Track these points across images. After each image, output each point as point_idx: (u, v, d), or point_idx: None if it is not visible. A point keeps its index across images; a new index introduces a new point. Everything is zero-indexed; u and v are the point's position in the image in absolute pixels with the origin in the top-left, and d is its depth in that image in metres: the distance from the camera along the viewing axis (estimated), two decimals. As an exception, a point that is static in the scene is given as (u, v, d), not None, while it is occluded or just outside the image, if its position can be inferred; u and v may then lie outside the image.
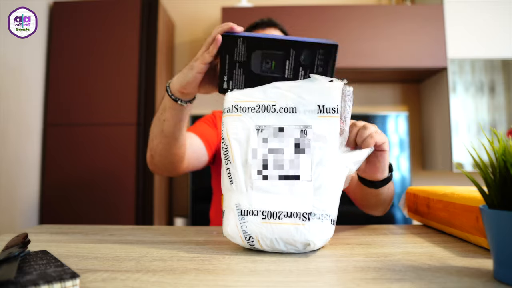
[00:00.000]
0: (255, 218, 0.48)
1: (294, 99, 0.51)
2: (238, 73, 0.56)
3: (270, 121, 0.51)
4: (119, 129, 1.73)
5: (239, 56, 0.55)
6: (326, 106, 0.50)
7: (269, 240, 0.48)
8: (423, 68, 1.82)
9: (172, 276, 0.39)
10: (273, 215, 0.48)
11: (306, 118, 0.50)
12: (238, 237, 0.49)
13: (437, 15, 1.81)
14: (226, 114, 0.53)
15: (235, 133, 0.51)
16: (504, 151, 0.36)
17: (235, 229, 0.49)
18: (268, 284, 0.37)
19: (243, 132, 0.51)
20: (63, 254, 0.48)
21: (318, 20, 1.84)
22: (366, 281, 0.37)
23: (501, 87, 1.82)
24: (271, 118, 0.51)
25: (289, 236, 0.47)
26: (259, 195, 0.49)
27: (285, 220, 0.48)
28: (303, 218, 0.48)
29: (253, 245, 0.49)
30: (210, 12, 2.18)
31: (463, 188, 0.62)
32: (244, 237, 0.48)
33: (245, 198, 0.49)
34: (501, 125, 1.81)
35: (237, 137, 0.51)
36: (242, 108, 0.52)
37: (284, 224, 0.48)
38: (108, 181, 1.71)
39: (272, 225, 0.48)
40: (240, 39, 0.54)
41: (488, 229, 0.37)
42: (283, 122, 0.50)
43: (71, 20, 1.80)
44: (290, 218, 0.48)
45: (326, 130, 0.49)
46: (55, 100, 1.77)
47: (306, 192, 0.48)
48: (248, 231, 0.48)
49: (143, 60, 1.79)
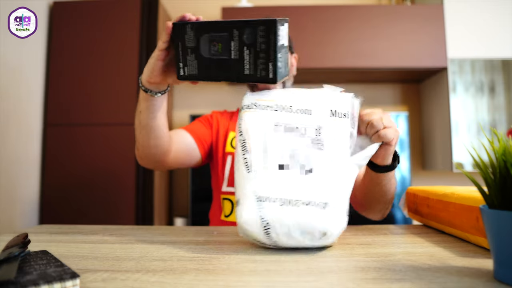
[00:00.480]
0: (273, 204, 0.50)
1: (309, 103, 0.56)
2: (191, 59, 0.59)
3: (287, 119, 0.55)
4: (119, 129, 1.73)
5: (189, 42, 0.58)
6: (338, 111, 0.56)
7: (287, 227, 0.49)
8: (423, 68, 1.82)
9: (172, 276, 0.39)
10: (290, 202, 0.50)
11: (320, 119, 0.55)
12: (254, 224, 0.50)
13: (437, 15, 1.81)
14: (245, 110, 0.57)
15: (253, 126, 0.55)
16: (504, 151, 0.36)
17: (252, 215, 0.50)
18: (268, 284, 0.37)
19: (262, 126, 0.55)
20: (63, 254, 0.48)
21: (318, 20, 1.84)
22: (366, 281, 0.37)
23: (501, 87, 1.82)
24: (288, 116, 0.55)
25: (308, 224, 0.49)
26: (277, 183, 0.51)
27: (303, 208, 0.50)
28: (320, 207, 0.50)
29: (269, 234, 0.49)
30: (210, 12, 2.17)
31: (463, 188, 0.62)
32: (262, 223, 0.49)
33: (262, 185, 0.51)
34: (501, 125, 1.81)
35: (256, 129, 0.54)
36: (261, 106, 0.56)
37: (302, 211, 0.49)
38: (108, 181, 1.71)
39: (290, 210, 0.50)
40: (188, 26, 0.57)
41: (488, 229, 0.37)
42: (299, 121, 0.55)
43: (71, 20, 1.80)
44: (307, 206, 0.50)
45: (337, 130, 0.55)
46: (55, 100, 1.77)
47: (320, 183, 0.52)
48: (265, 217, 0.49)
49: (143, 60, 1.79)
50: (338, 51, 1.82)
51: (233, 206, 0.95)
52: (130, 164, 1.71)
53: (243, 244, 0.55)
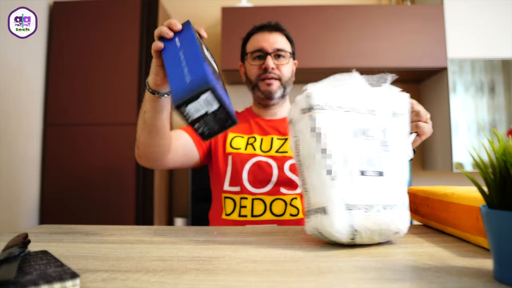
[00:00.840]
0: (359, 211, 0.51)
1: (373, 103, 0.56)
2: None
3: (359, 121, 0.54)
4: (119, 129, 1.73)
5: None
6: (398, 111, 0.57)
7: (370, 232, 0.51)
8: (423, 68, 1.82)
9: (172, 276, 0.39)
10: (373, 208, 0.52)
11: (384, 120, 0.56)
12: (344, 232, 0.50)
13: (437, 15, 1.81)
14: (317, 110, 0.53)
15: (331, 129, 0.53)
16: (504, 151, 0.36)
17: (343, 224, 0.50)
18: (268, 284, 0.37)
19: (339, 128, 0.53)
20: (63, 254, 0.48)
21: (318, 20, 1.84)
22: (366, 281, 0.37)
23: (501, 87, 1.82)
24: (359, 118, 0.54)
25: (386, 226, 0.52)
26: (360, 190, 0.52)
27: (382, 212, 0.52)
28: (393, 209, 0.53)
29: (353, 239, 0.51)
30: (210, 12, 2.17)
31: (463, 188, 0.62)
32: (350, 231, 0.50)
33: (349, 193, 0.51)
34: (501, 125, 1.81)
35: (334, 133, 0.53)
36: (333, 107, 0.54)
37: (383, 216, 0.52)
38: (108, 181, 1.71)
39: (374, 218, 0.51)
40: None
41: (488, 229, 0.37)
42: (369, 122, 0.55)
43: (71, 20, 1.80)
44: (385, 210, 0.52)
45: (399, 130, 0.56)
46: (55, 100, 1.77)
47: (390, 185, 0.54)
48: (354, 225, 0.50)
49: (143, 60, 1.79)
50: (338, 51, 1.82)
51: (235, 204, 0.95)
52: (130, 164, 1.71)
53: (243, 244, 0.55)
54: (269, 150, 0.99)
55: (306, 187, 0.55)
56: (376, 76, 0.59)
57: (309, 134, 0.53)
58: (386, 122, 0.56)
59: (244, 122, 1.08)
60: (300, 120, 0.55)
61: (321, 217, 0.51)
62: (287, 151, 0.98)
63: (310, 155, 0.53)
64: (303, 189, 0.56)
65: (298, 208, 0.92)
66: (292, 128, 0.57)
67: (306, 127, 0.54)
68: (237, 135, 1.04)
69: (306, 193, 0.55)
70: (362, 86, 0.57)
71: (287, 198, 0.93)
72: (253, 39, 1.07)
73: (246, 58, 1.08)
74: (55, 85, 1.77)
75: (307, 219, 0.55)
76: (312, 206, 0.53)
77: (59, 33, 1.79)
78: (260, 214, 0.92)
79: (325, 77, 0.60)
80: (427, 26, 1.81)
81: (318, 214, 0.52)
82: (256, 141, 1.01)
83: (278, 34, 1.05)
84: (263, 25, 1.06)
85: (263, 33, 1.05)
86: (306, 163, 0.54)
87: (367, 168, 0.53)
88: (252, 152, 0.99)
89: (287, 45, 1.06)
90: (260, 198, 0.93)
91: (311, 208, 0.54)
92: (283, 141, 1.01)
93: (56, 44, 1.79)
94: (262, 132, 1.05)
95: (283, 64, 1.04)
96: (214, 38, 2.17)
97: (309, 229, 0.55)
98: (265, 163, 0.97)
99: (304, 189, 0.55)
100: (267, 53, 1.02)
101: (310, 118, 0.53)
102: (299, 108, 0.56)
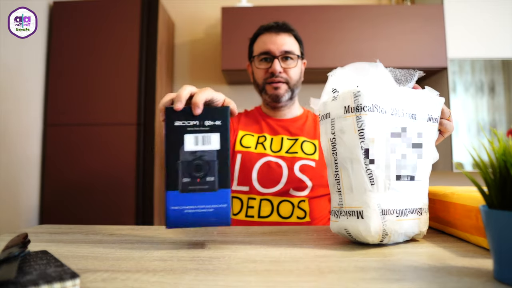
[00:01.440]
0: (391, 216, 0.51)
1: (414, 107, 0.55)
2: None
3: (402, 124, 0.54)
4: (119, 129, 1.73)
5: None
6: (433, 116, 0.57)
7: (398, 234, 0.52)
8: (423, 68, 1.82)
9: (172, 276, 0.39)
10: (402, 213, 0.53)
11: (422, 124, 0.56)
12: (376, 236, 0.51)
13: (437, 15, 1.81)
14: (365, 112, 0.50)
15: (378, 134, 0.51)
16: (504, 151, 0.36)
17: (378, 228, 0.50)
18: (268, 284, 0.37)
19: (384, 133, 0.52)
20: (63, 254, 0.48)
21: (318, 20, 1.84)
22: (366, 281, 0.37)
23: (501, 87, 1.82)
24: (402, 121, 0.54)
25: (410, 230, 0.53)
26: (393, 194, 0.52)
27: (410, 216, 0.54)
28: (418, 213, 0.55)
29: (382, 241, 0.52)
30: (210, 12, 2.17)
31: (463, 188, 0.62)
32: (382, 235, 0.51)
33: (385, 198, 0.51)
34: (501, 125, 1.81)
35: (380, 138, 0.51)
36: (381, 109, 0.52)
37: (409, 220, 0.53)
38: (108, 181, 1.71)
39: (402, 222, 0.52)
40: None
41: (488, 229, 0.37)
42: (408, 126, 0.54)
43: (71, 20, 1.80)
44: (412, 214, 0.54)
45: (431, 135, 0.57)
46: (55, 100, 1.77)
47: (419, 189, 0.55)
48: (386, 230, 0.51)
49: (143, 60, 1.79)
50: (338, 51, 1.82)
51: (242, 204, 0.94)
52: (130, 164, 1.71)
53: (243, 244, 0.55)
54: (279, 150, 0.98)
55: (339, 188, 0.54)
56: (403, 71, 0.58)
57: (354, 135, 0.51)
58: (423, 127, 0.55)
59: (254, 121, 1.07)
60: (343, 118, 0.52)
61: (356, 220, 0.51)
62: (297, 151, 0.97)
63: (352, 157, 0.51)
64: (335, 189, 0.55)
65: (306, 211, 0.92)
66: (329, 125, 0.54)
67: (351, 128, 0.51)
68: (248, 133, 1.03)
69: (339, 193, 0.54)
70: (391, 82, 0.56)
71: (294, 201, 0.92)
72: (260, 40, 1.04)
73: (253, 60, 1.06)
74: (55, 85, 1.77)
75: (335, 218, 0.55)
76: (346, 208, 0.53)
77: (59, 33, 1.79)
78: (267, 215, 0.91)
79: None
80: (427, 26, 1.81)
81: (352, 217, 0.52)
82: (266, 141, 1.00)
83: (286, 34, 1.03)
84: (270, 26, 1.03)
85: (270, 34, 1.02)
86: (345, 164, 0.52)
87: (402, 173, 0.53)
88: (262, 152, 0.98)
89: (295, 46, 1.04)
90: (268, 198, 0.93)
91: (344, 209, 0.53)
92: (293, 142, 1.00)
93: (56, 44, 1.79)
94: (272, 131, 1.04)
95: (291, 67, 1.01)
96: (214, 38, 2.17)
97: (336, 228, 0.55)
98: (275, 164, 0.96)
99: (336, 189, 0.54)
100: (274, 56, 1.00)
101: (357, 119, 0.50)
102: (342, 105, 0.52)
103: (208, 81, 2.16)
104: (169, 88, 2.04)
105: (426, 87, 0.58)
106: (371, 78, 0.55)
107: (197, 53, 2.18)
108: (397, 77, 0.58)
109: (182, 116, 0.51)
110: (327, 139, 0.55)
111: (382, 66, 0.57)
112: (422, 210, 0.55)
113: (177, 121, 0.51)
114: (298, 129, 1.04)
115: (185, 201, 0.50)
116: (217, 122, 0.51)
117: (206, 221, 0.50)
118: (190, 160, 0.50)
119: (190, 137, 0.51)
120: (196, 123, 0.51)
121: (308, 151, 0.98)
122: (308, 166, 0.95)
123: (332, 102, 0.54)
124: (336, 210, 0.55)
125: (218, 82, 2.16)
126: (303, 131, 1.04)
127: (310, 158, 0.97)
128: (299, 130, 1.04)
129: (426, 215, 0.56)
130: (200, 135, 0.51)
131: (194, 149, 0.51)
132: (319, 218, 0.94)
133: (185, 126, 0.51)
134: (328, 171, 0.57)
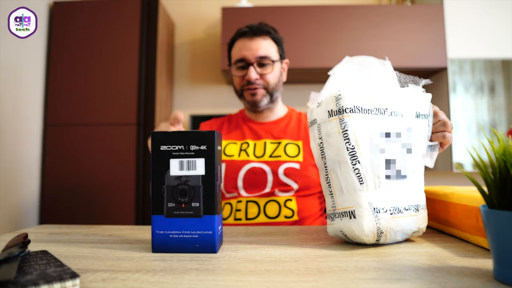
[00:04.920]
0: (385, 214, 0.52)
1: (400, 105, 0.55)
2: None
3: (386, 123, 0.54)
4: (119, 129, 1.73)
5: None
6: (421, 112, 0.57)
7: (394, 232, 0.52)
8: (423, 68, 1.82)
9: (172, 276, 0.39)
10: (396, 210, 0.53)
11: (408, 121, 0.56)
12: (371, 235, 0.51)
13: (437, 15, 1.81)
14: (348, 114, 0.51)
15: (361, 133, 0.52)
16: (504, 151, 0.36)
17: (371, 227, 0.51)
18: (268, 284, 0.37)
19: (368, 133, 0.52)
20: (63, 254, 0.48)
21: (318, 20, 1.84)
22: (366, 281, 0.37)
23: (501, 87, 1.82)
24: (386, 120, 0.54)
25: (408, 227, 0.54)
26: (385, 193, 0.53)
27: (405, 213, 0.54)
28: (415, 210, 0.55)
29: (378, 240, 0.52)
30: (210, 12, 2.17)
31: (463, 188, 0.62)
32: (377, 233, 0.51)
33: (375, 196, 0.52)
34: (501, 125, 1.81)
35: (363, 137, 0.52)
36: (363, 110, 0.53)
37: (405, 217, 0.53)
38: (108, 181, 1.71)
39: (397, 219, 0.53)
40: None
41: (488, 229, 0.37)
42: (395, 125, 0.54)
43: (71, 20, 1.80)
44: (408, 211, 0.54)
45: (421, 132, 0.57)
46: (55, 100, 1.77)
47: (412, 186, 0.55)
48: (381, 228, 0.51)
49: (143, 60, 1.79)
50: (338, 51, 1.82)
51: (231, 209, 0.94)
52: (130, 164, 1.71)
53: (243, 244, 0.55)
54: (263, 155, 0.98)
55: (331, 190, 0.54)
56: (409, 77, 0.59)
57: (338, 137, 0.52)
58: (410, 123, 0.56)
59: (236, 128, 1.07)
60: (328, 122, 0.53)
61: (349, 221, 0.52)
62: (280, 155, 0.97)
63: (339, 159, 0.52)
64: (327, 192, 0.55)
65: (293, 210, 0.92)
66: (316, 130, 0.56)
67: (335, 130, 0.52)
68: (230, 141, 1.03)
69: (331, 196, 0.55)
70: (389, 82, 0.57)
71: (280, 200, 0.92)
72: (235, 47, 1.03)
73: (231, 67, 1.05)
74: (55, 85, 1.77)
75: (330, 221, 0.55)
76: (338, 209, 0.53)
77: (59, 33, 1.79)
78: (254, 217, 0.91)
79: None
80: (427, 26, 1.81)
81: (345, 218, 0.52)
82: (249, 147, 1.00)
83: (261, 38, 1.00)
84: (244, 31, 1.01)
85: (244, 40, 1.00)
86: (333, 167, 0.53)
87: (392, 172, 0.53)
88: (245, 159, 0.98)
89: (273, 49, 1.01)
90: (254, 200, 0.93)
91: (337, 211, 0.54)
92: (276, 145, 1.00)
93: (56, 44, 1.79)
94: (255, 136, 1.03)
95: (267, 73, 1.00)
96: (214, 38, 2.17)
97: (332, 231, 0.55)
98: (259, 169, 0.95)
99: (329, 192, 0.55)
100: (249, 63, 0.99)
101: (340, 122, 0.52)
102: (326, 109, 0.54)
103: (208, 81, 2.16)
104: (169, 88, 2.04)
105: (410, 84, 0.59)
106: (372, 75, 0.56)
107: (197, 53, 2.18)
108: (401, 80, 0.59)
109: (168, 140, 0.51)
110: (316, 144, 0.56)
111: (389, 64, 0.58)
112: (418, 207, 0.55)
113: (162, 146, 0.51)
114: (281, 131, 1.03)
115: (170, 226, 0.50)
116: (202, 147, 0.50)
117: (192, 247, 0.49)
118: (175, 185, 0.50)
119: (175, 161, 0.50)
120: (182, 148, 0.50)
121: (292, 153, 0.98)
122: (293, 168, 0.95)
123: (317, 109, 0.56)
124: (330, 213, 0.56)
125: (218, 82, 2.16)
126: (286, 133, 1.03)
127: (294, 160, 0.96)
128: (282, 133, 1.03)
129: (423, 211, 0.56)
130: (185, 159, 0.50)
131: (179, 174, 0.50)
132: (307, 216, 0.94)
133: (171, 150, 0.50)
134: (320, 175, 0.57)
